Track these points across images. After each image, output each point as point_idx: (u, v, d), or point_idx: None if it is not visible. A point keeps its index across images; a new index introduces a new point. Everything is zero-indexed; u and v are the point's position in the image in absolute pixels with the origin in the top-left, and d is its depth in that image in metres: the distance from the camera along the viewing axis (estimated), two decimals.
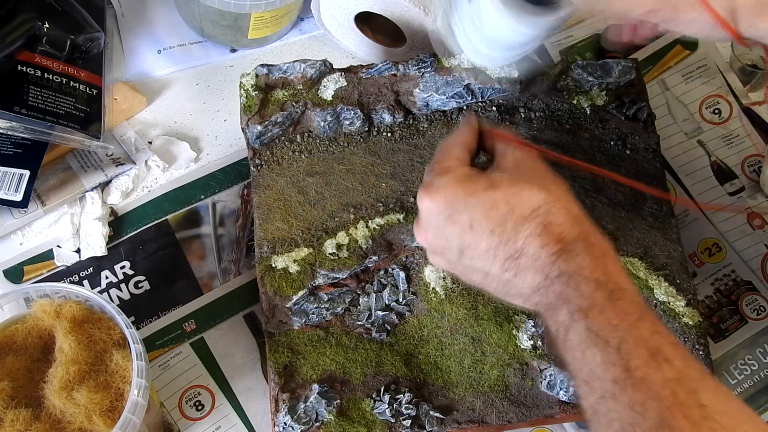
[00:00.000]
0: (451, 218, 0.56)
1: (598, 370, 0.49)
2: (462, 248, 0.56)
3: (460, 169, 0.57)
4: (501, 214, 0.54)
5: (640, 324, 0.49)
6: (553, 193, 0.54)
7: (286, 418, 0.67)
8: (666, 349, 0.48)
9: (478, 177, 0.56)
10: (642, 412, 0.46)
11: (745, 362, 0.78)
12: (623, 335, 0.48)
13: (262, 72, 0.77)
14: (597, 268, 0.51)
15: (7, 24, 0.74)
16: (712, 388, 0.47)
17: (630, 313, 0.50)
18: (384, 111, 0.77)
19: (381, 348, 0.71)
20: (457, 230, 0.56)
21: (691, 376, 0.47)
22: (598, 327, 0.49)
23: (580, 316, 0.50)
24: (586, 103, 0.80)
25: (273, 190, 0.76)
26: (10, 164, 0.76)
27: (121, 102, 0.84)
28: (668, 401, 0.46)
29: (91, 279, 0.78)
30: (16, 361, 0.63)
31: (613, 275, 0.52)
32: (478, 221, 0.55)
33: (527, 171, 0.57)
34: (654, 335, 0.49)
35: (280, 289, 0.72)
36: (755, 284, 0.82)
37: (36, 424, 0.59)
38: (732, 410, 0.46)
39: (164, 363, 0.75)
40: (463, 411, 0.69)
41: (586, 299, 0.50)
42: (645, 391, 0.46)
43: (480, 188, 0.55)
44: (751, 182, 0.87)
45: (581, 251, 0.52)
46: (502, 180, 0.55)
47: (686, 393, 0.46)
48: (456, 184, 0.56)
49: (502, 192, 0.54)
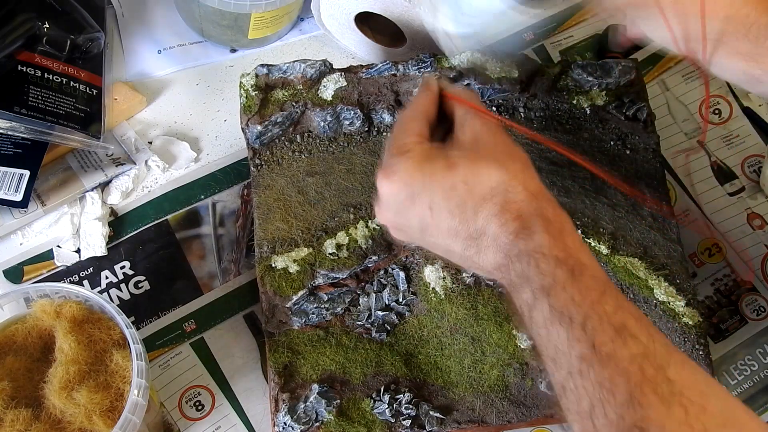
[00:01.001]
0: (410, 199, 0.56)
1: (563, 347, 0.49)
2: (423, 228, 0.57)
3: (418, 148, 0.56)
4: (460, 196, 0.54)
5: (604, 299, 0.49)
6: (510, 170, 0.54)
7: (286, 418, 0.67)
8: (631, 324, 0.48)
9: (435, 157, 0.56)
10: (611, 388, 0.46)
11: (745, 362, 0.78)
12: (587, 312, 0.48)
13: (262, 72, 0.77)
14: (556, 245, 0.51)
15: (7, 24, 0.74)
16: (679, 363, 0.47)
17: (592, 288, 0.49)
18: (384, 111, 0.77)
19: (381, 348, 0.71)
20: (417, 211, 0.56)
21: (657, 351, 0.47)
22: (561, 305, 0.49)
23: (542, 294, 0.50)
24: (586, 103, 0.80)
25: (273, 190, 0.76)
26: (10, 164, 0.76)
27: (121, 102, 0.84)
28: (636, 377, 0.46)
29: (91, 279, 0.78)
30: (16, 361, 0.63)
31: (572, 251, 0.51)
32: (437, 203, 0.55)
33: (486, 145, 0.56)
34: (618, 311, 0.49)
35: (279, 289, 0.72)
36: (755, 284, 0.82)
37: (36, 424, 0.59)
38: (700, 384, 0.46)
39: (164, 363, 0.75)
40: (463, 411, 0.69)
41: (546, 277, 0.50)
42: (612, 367, 0.46)
43: (438, 170, 0.55)
44: (752, 182, 0.87)
45: (540, 229, 0.52)
46: (460, 159, 0.55)
47: (654, 369, 0.46)
48: (414, 167, 0.56)
49: (461, 172, 0.54)
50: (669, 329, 0.71)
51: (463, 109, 0.59)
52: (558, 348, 0.49)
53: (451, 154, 0.56)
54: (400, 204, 0.57)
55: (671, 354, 0.47)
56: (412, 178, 0.55)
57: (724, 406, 0.46)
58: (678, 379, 0.46)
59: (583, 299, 0.49)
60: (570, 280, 0.50)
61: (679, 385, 0.45)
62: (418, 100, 0.61)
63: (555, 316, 0.49)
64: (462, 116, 0.59)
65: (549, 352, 0.50)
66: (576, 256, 0.51)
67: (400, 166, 0.56)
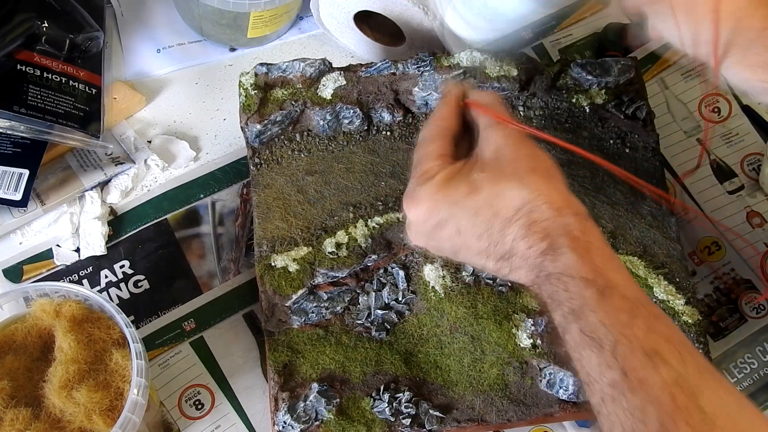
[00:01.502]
0: (438, 226, 0.56)
1: (594, 373, 0.48)
2: (455, 250, 0.57)
3: (441, 174, 0.57)
4: (486, 219, 0.54)
5: (634, 322, 0.48)
6: (534, 186, 0.54)
7: (286, 417, 0.67)
8: (662, 347, 0.47)
9: (459, 181, 0.56)
10: (642, 418, 0.45)
11: (744, 361, 0.78)
12: (617, 336, 0.48)
13: (261, 71, 0.77)
14: (584, 265, 0.51)
15: (7, 23, 0.74)
16: (711, 388, 0.46)
17: (622, 310, 0.49)
18: (383, 110, 0.77)
19: (380, 347, 0.71)
20: (447, 236, 0.56)
21: (690, 375, 0.46)
22: (591, 329, 0.49)
23: (572, 318, 0.50)
24: (585, 101, 0.80)
25: (272, 189, 0.76)
26: (9, 163, 0.76)
27: (121, 101, 0.84)
28: (668, 406, 0.45)
29: (90, 278, 0.78)
30: (15, 361, 0.63)
31: (601, 269, 0.51)
32: (464, 228, 0.55)
33: (508, 161, 0.56)
34: (649, 333, 0.48)
35: (279, 288, 0.72)
36: (754, 283, 0.82)
37: (36, 424, 0.59)
38: (732, 409, 0.46)
39: (164, 362, 0.75)
40: (463, 410, 0.69)
41: (575, 300, 0.50)
42: (643, 395, 0.46)
43: (462, 195, 0.55)
44: (751, 181, 0.87)
45: (566, 249, 0.51)
46: (483, 182, 0.55)
47: (686, 396, 0.45)
48: (437, 193, 0.56)
49: (484, 196, 0.54)
50: None
51: (486, 118, 0.59)
52: (589, 373, 0.49)
53: (474, 177, 0.56)
54: (430, 230, 0.57)
55: (704, 378, 0.47)
56: (436, 205, 0.56)
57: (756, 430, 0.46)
58: (710, 407, 0.45)
59: (612, 322, 0.48)
60: (599, 302, 0.49)
61: (711, 414, 0.45)
62: (438, 115, 0.61)
63: (585, 340, 0.49)
64: (484, 128, 0.59)
65: (583, 376, 0.50)
66: (605, 275, 0.50)
67: (424, 193, 0.56)
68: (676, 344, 0.48)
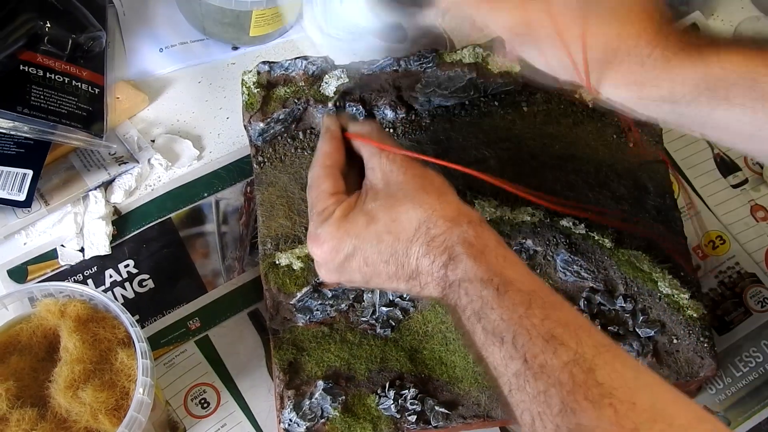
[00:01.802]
0: (347, 260, 0.59)
1: (500, 367, 0.50)
2: (367, 279, 0.60)
3: (338, 211, 0.59)
4: (389, 245, 0.57)
5: (531, 312, 0.50)
6: (426, 205, 0.56)
7: (292, 415, 0.67)
8: (558, 331, 0.49)
9: (356, 214, 0.58)
10: (546, 400, 0.47)
11: (749, 354, 0.78)
12: (516, 328, 0.50)
13: (264, 69, 0.77)
14: (480, 267, 0.53)
15: (9, 24, 0.75)
16: (608, 363, 0.47)
17: (518, 303, 0.51)
18: (386, 107, 0.77)
19: (385, 344, 0.71)
20: (356, 267, 0.59)
21: (586, 353, 0.47)
22: (492, 326, 0.51)
23: (476, 319, 0.52)
24: (588, 97, 0.79)
25: (276, 187, 0.76)
26: (13, 164, 0.76)
27: (124, 101, 0.84)
28: (568, 385, 0.46)
29: (95, 278, 0.78)
30: (21, 361, 0.63)
31: (497, 269, 0.53)
32: (370, 257, 0.58)
33: (397, 186, 0.58)
34: (545, 320, 0.49)
35: (283, 286, 0.72)
36: (759, 276, 0.82)
37: (42, 424, 0.59)
38: (629, 380, 0.47)
39: (169, 361, 0.75)
40: (468, 406, 0.69)
41: (475, 302, 0.52)
42: (545, 379, 0.47)
43: (361, 227, 0.58)
44: (755, 174, 0.87)
45: (464, 256, 0.54)
46: (378, 210, 0.58)
47: (584, 373, 0.47)
48: (338, 230, 0.58)
49: (382, 223, 0.57)
50: (674, 321, 0.71)
51: (368, 148, 0.61)
52: (497, 368, 0.51)
53: (369, 207, 0.58)
54: (339, 265, 0.60)
55: (600, 355, 0.48)
56: (340, 241, 0.58)
57: (655, 399, 0.46)
58: (607, 380, 0.46)
59: (510, 316, 0.50)
60: (497, 300, 0.51)
61: (608, 386, 0.46)
62: (322, 153, 0.63)
63: (489, 338, 0.51)
64: (369, 158, 0.61)
65: (492, 372, 0.51)
66: (501, 273, 0.53)
67: (325, 232, 0.59)
68: (574, 327, 0.49)
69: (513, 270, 0.53)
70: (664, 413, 0.45)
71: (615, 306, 0.71)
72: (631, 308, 0.71)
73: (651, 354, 0.70)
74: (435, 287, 0.56)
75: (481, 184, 0.74)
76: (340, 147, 0.63)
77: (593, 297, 0.71)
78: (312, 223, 0.61)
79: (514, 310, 0.50)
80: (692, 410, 0.47)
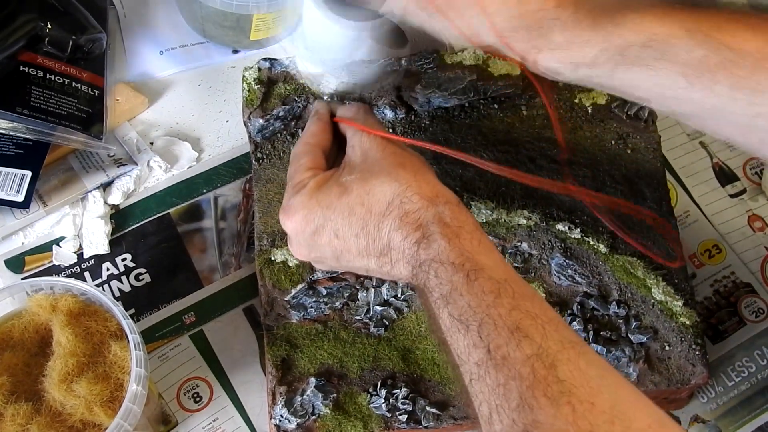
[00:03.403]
0: (316, 232, 0.58)
1: (463, 355, 0.49)
2: (337, 255, 0.59)
3: (312, 182, 0.59)
4: (360, 218, 0.56)
5: (499, 302, 0.49)
6: (403, 180, 0.55)
7: (283, 411, 0.67)
8: (525, 324, 0.48)
9: (329, 185, 0.58)
10: (505, 393, 0.46)
11: (742, 364, 0.78)
12: (482, 317, 0.48)
13: (265, 66, 0.77)
14: (453, 250, 0.52)
15: (9, 25, 0.75)
16: (571, 360, 0.46)
17: (488, 291, 0.49)
18: (386, 107, 0.77)
19: (378, 343, 0.71)
20: (326, 241, 0.58)
21: (550, 348, 0.46)
22: (459, 312, 0.50)
23: (442, 303, 0.51)
24: (587, 101, 0.80)
25: (274, 183, 0.76)
26: (11, 165, 0.76)
27: (123, 103, 0.84)
28: (528, 380, 0.45)
29: (92, 271, 0.78)
30: (13, 357, 0.63)
31: (469, 254, 0.52)
32: (341, 230, 0.57)
33: (375, 161, 0.58)
34: (513, 311, 0.48)
35: (278, 282, 0.72)
36: (755, 286, 0.82)
37: (37, 418, 0.60)
38: (591, 379, 0.46)
39: (163, 355, 0.75)
40: (459, 407, 0.69)
41: (444, 286, 0.51)
42: (506, 371, 0.46)
43: (334, 198, 0.57)
44: (753, 184, 0.87)
45: (438, 236, 0.52)
46: (353, 182, 0.57)
47: (545, 368, 0.45)
48: (311, 200, 0.58)
49: (355, 195, 0.56)
50: (666, 328, 0.71)
51: (352, 129, 0.61)
52: (459, 355, 0.49)
53: (344, 179, 0.57)
54: (309, 239, 0.59)
55: (564, 350, 0.47)
56: (311, 211, 0.58)
57: (616, 400, 0.45)
58: (568, 377, 0.45)
59: (478, 304, 0.49)
60: (467, 286, 0.50)
61: (568, 384, 0.45)
62: (308, 132, 0.63)
63: (455, 324, 0.50)
64: (351, 137, 0.61)
65: (454, 359, 0.50)
66: (474, 258, 0.51)
67: (297, 202, 0.58)
68: (542, 321, 0.48)
69: (486, 256, 0.52)
70: (624, 415, 0.44)
71: (608, 311, 0.71)
72: (625, 314, 0.71)
73: (643, 360, 0.70)
74: (405, 265, 0.55)
75: (478, 186, 0.75)
76: (326, 129, 0.63)
77: (587, 302, 0.72)
78: (286, 195, 0.61)
79: (482, 297, 0.49)
80: (653, 414, 0.45)
